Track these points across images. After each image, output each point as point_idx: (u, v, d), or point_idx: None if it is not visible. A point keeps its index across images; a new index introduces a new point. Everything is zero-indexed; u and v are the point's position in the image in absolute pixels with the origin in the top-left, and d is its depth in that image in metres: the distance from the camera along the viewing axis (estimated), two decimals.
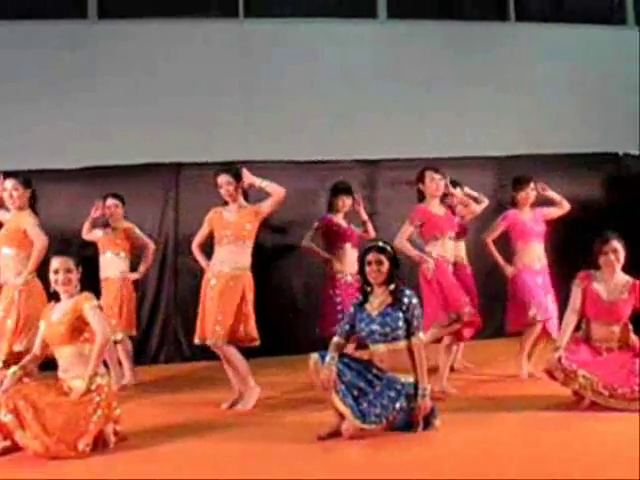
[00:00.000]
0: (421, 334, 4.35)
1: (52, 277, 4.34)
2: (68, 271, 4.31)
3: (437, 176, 5.47)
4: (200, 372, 6.59)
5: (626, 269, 4.86)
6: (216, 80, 8.05)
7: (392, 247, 4.56)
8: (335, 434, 4.17)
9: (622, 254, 4.81)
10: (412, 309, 4.31)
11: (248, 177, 5.29)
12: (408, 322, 4.29)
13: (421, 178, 5.51)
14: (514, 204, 6.02)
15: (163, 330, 7.58)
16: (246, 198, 5.38)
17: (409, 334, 4.29)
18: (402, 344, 4.30)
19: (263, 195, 5.34)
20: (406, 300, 4.32)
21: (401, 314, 4.30)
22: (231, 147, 7.36)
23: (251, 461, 3.90)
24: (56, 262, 4.34)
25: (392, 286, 4.39)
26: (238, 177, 5.28)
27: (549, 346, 5.04)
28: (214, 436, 4.43)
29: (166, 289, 7.65)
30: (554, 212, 6.04)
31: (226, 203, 5.33)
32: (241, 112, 8.02)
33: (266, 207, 5.29)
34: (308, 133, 7.96)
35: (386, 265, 4.37)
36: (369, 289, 4.44)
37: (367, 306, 4.41)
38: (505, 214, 6.01)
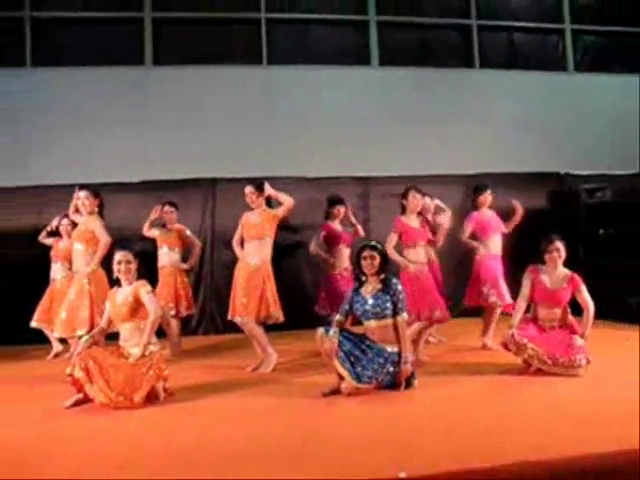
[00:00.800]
0: (404, 314, 4.33)
1: (115, 267, 4.35)
2: (128, 262, 4.33)
3: (418, 195, 5.39)
4: (230, 342, 6.58)
5: (566, 264, 4.85)
6: (245, 114, 8.09)
7: (382, 245, 4.56)
8: (336, 392, 4.18)
9: (563, 252, 4.80)
10: (398, 294, 4.31)
11: (268, 189, 5.31)
12: (394, 304, 4.30)
13: (405, 195, 5.42)
14: (475, 207, 5.99)
15: (202, 309, 7.59)
16: (270, 205, 5.39)
17: (395, 313, 4.29)
18: (389, 321, 4.29)
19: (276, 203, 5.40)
20: (393, 287, 4.33)
21: (389, 297, 4.30)
22: (256, 166, 7.35)
23: (270, 412, 3.91)
24: (119, 255, 4.35)
25: (382, 276, 4.39)
26: (260, 188, 5.30)
27: (504, 324, 5.02)
28: (241, 392, 4.43)
29: (204, 277, 7.67)
30: (509, 224, 6.04)
31: (252, 209, 5.35)
32: (264, 139, 8.04)
33: (280, 212, 5.30)
34: (316, 155, 7.97)
35: (378, 259, 4.37)
36: (364, 278, 4.44)
37: (362, 290, 4.41)
38: (470, 216, 5.98)
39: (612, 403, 3.67)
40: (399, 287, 4.36)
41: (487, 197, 5.97)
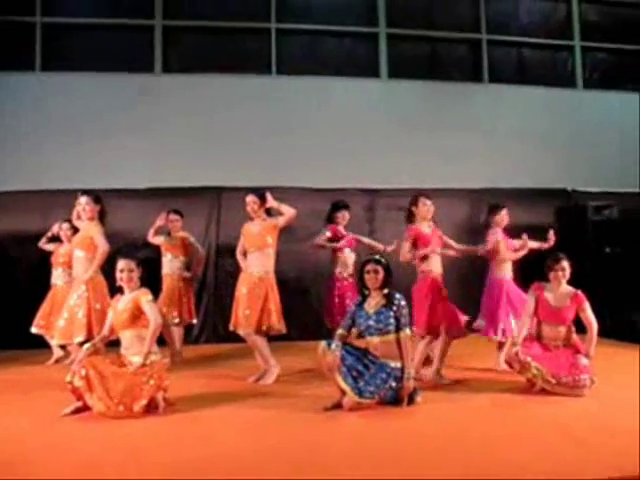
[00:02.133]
0: (407, 329, 4.29)
1: (118, 275, 4.34)
2: (130, 271, 4.32)
3: (428, 202, 5.17)
4: (233, 352, 6.53)
5: (571, 281, 4.80)
6: (253, 123, 8.08)
7: (386, 259, 4.50)
8: (337, 406, 4.15)
9: (568, 271, 4.76)
10: (401, 309, 4.28)
11: (269, 201, 5.26)
12: (397, 319, 4.26)
13: (415, 202, 5.16)
14: (489, 225, 5.64)
15: (204, 317, 7.56)
16: (269, 214, 5.35)
17: (398, 329, 4.25)
18: (392, 337, 4.26)
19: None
20: (396, 302, 4.29)
21: (392, 313, 4.27)
22: (262, 176, 7.34)
23: (270, 424, 3.88)
24: (121, 263, 4.34)
25: (386, 290, 4.35)
26: (262, 198, 5.27)
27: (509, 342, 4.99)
28: (242, 404, 4.40)
29: (207, 285, 7.65)
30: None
31: (252, 219, 5.32)
32: (271, 149, 8.03)
33: (281, 222, 5.26)
34: (323, 166, 7.96)
35: (381, 274, 4.35)
36: (367, 292, 4.41)
37: (365, 305, 4.37)
38: (492, 235, 5.59)
39: (615, 427, 3.63)
40: (402, 302, 4.32)
41: (504, 217, 5.65)
